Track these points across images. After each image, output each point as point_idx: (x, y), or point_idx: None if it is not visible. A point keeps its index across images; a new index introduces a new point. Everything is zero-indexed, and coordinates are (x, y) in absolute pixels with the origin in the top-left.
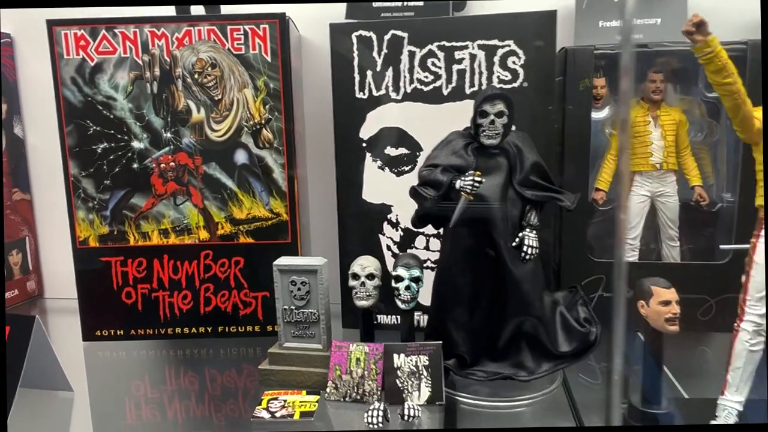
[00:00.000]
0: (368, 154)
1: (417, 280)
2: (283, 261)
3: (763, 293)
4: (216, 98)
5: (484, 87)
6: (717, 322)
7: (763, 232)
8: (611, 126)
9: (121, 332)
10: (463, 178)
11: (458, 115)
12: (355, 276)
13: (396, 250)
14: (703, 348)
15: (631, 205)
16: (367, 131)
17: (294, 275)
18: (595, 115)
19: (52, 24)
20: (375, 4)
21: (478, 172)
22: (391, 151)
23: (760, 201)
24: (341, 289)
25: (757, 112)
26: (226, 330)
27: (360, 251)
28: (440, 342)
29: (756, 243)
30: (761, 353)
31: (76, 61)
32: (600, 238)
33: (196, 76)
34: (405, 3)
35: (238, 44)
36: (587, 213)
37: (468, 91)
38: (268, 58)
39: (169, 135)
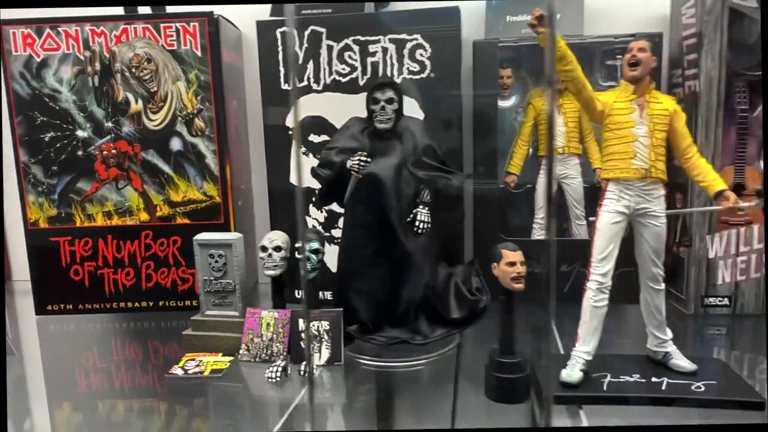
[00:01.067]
0: (294, 142)
1: (316, 251)
2: (202, 236)
3: (604, 254)
4: (152, 90)
5: (396, 77)
6: (616, 294)
7: (604, 202)
8: (523, 114)
9: (70, 307)
10: (351, 159)
11: None
12: (264, 248)
13: (321, 231)
14: None
15: (538, 187)
16: (292, 120)
17: (212, 249)
18: (502, 103)
19: (1, 23)
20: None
21: (364, 153)
22: (314, 138)
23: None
24: None
25: (601, 96)
26: (166, 304)
27: (290, 231)
28: (340, 309)
29: (598, 211)
30: (605, 309)
31: (24, 57)
32: (511, 217)
33: (133, 70)
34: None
35: (170, 40)
36: (499, 195)
37: None
38: (198, 53)
39: (110, 124)
